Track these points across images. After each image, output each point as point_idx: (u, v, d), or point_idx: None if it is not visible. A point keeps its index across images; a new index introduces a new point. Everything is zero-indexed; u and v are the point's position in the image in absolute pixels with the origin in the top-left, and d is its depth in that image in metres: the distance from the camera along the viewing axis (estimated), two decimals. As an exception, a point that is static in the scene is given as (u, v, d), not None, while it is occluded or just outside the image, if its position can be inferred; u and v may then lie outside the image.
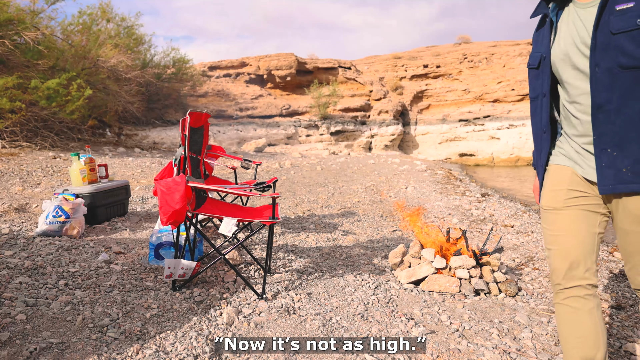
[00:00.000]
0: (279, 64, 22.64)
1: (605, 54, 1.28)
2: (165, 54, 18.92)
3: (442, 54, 24.79)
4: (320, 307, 2.29)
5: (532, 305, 2.51)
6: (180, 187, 2.15)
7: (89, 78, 10.87)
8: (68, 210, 3.30)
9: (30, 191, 5.01)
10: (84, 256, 2.82)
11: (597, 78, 1.30)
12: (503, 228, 4.71)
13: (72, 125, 10.09)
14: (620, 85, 1.26)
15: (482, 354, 1.90)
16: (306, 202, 5.80)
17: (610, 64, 1.27)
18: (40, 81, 8.79)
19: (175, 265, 2.31)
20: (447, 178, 10.11)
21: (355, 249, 3.51)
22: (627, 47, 1.23)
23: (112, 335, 1.82)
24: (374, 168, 11.38)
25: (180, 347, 1.78)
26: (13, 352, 1.64)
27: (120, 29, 14.35)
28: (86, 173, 3.77)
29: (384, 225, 4.52)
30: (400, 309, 2.33)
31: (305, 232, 4.04)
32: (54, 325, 1.87)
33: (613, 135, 1.30)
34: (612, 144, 1.30)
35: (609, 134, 1.30)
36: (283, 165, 11.29)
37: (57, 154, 8.03)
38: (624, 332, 2.23)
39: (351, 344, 1.90)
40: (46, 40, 9.63)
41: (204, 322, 2.03)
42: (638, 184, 1.28)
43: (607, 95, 1.29)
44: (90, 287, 2.33)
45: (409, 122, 22.65)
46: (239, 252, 3.09)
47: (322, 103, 20.82)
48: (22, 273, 2.42)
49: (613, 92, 1.28)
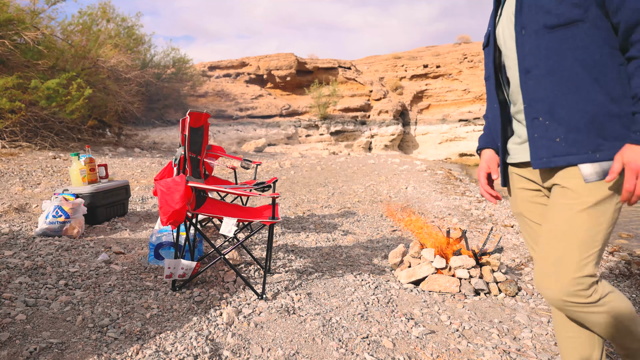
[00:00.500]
0: (279, 64, 22.64)
1: (530, 16, 1.20)
2: (165, 54, 18.94)
3: (442, 54, 24.80)
4: (320, 307, 2.29)
5: (532, 305, 2.51)
6: (180, 187, 2.15)
7: (89, 78, 10.87)
8: (68, 210, 3.30)
9: (30, 191, 5.01)
10: (84, 256, 2.82)
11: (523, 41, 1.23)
12: (503, 228, 4.70)
13: (72, 125, 10.09)
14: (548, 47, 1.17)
15: (482, 354, 1.90)
16: (306, 202, 5.80)
17: (536, 26, 1.19)
18: (40, 81, 8.79)
19: (175, 265, 2.31)
20: (447, 178, 10.11)
21: (355, 249, 3.51)
22: (549, 5, 1.16)
23: (112, 335, 1.82)
24: (374, 168, 11.38)
25: (180, 347, 1.78)
26: (13, 352, 1.64)
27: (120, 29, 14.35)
28: (86, 173, 3.77)
29: (384, 225, 4.52)
30: (400, 309, 2.33)
31: (305, 232, 4.04)
32: (54, 325, 1.87)
33: (543, 102, 1.20)
34: (543, 111, 1.20)
35: (539, 101, 1.21)
36: (283, 165, 11.29)
37: (57, 154, 8.03)
38: (624, 332, 2.24)
39: (351, 344, 1.91)
40: (46, 40, 9.63)
41: (204, 322, 2.03)
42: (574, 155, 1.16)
43: (535, 59, 1.20)
44: (90, 287, 2.33)
45: (408, 122, 22.66)
46: (239, 252, 3.09)
47: (322, 103, 20.83)
48: (22, 273, 2.42)
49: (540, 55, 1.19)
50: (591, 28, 1.13)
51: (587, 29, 1.13)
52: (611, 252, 4.09)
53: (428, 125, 22.49)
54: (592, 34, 1.13)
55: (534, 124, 1.24)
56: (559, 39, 1.16)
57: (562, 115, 1.17)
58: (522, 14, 1.23)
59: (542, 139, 1.21)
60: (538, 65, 1.20)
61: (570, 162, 1.16)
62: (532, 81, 1.22)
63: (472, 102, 22.52)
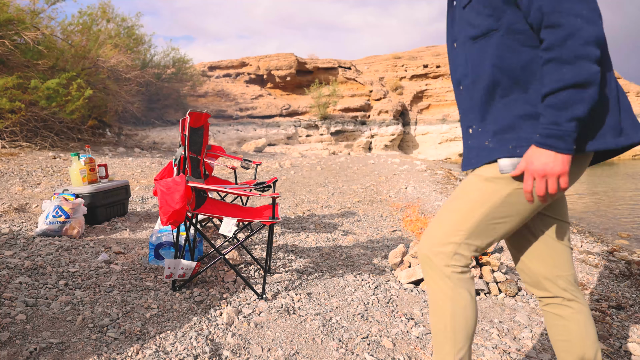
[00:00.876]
0: (279, 64, 22.64)
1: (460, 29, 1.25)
2: (165, 54, 18.95)
3: (442, 54, 24.79)
4: (320, 307, 2.29)
5: (532, 305, 2.51)
6: (180, 187, 2.15)
7: (89, 78, 10.87)
8: (68, 210, 3.30)
9: (30, 191, 5.01)
10: (84, 256, 2.82)
11: (454, 54, 1.28)
12: (503, 228, 4.71)
13: (72, 125, 10.09)
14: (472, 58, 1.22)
15: (482, 353, 1.90)
16: (306, 202, 5.80)
17: (464, 38, 1.23)
18: (40, 81, 8.79)
19: (175, 265, 2.31)
20: (447, 178, 10.11)
21: (355, 249, 3.51)
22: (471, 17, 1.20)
23: (112, 335, 1.82)
24: (374, 168, 11.38)
25: (180, 347, 1.78)
26: (13, 352, 1.64)
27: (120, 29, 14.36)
28: (86, 173, 3.77)
29: (384, 225, 4.52)
30: (400, 309, 2.33)
31: (305, 232, 4.04)
32: (54, 325, 1.87)
33: (474, 111, 1.24)
34: (475, 120, 1.24)
35: (470, 110, 1.25)
36: (283, 165, 11.29)
37: (57, 154, 8.03)
38: (624, 332, 2.23)
39: (351, 344, 1.91)
40: (46, 40, 9.63)
41: (203, 322, 2.03)
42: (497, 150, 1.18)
43: (464, 70, 1.25)
44: (90, 287, 2.33)
45: (408, 122, 22.66)
46: (239, 252, 3.09)
47: (322, 103, 20.83)
48: (22, 273, 2.42)
49: (468, 66, 1.23)
50: (507, 34, 1.15)
51: (501, 36, 1.15)
52: (611, 252, 4.09)
53: (428, 125, 22.49)
54: (508, 40, 1.15)
55: (467, 133, 1.28)
56: (479, 49, 1.20)
57: (489, 121, 1.20)
58: (454, 28, 1.28)
59: (473, 145, 1.25)
60: (467, 75, 1.24)
61: (492, 158, 1.19)
62: (464, 92, 1.26)
63: (472, 102, 22.52)
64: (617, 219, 6.50)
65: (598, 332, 2.20)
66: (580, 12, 1.02)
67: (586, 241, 4.56)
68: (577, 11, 1.02)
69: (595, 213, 7.09)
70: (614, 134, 1.12)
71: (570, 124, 1.04)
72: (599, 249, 4.19)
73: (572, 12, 1.03)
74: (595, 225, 6.04)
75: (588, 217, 6.71)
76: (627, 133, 1.13)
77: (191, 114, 2.64)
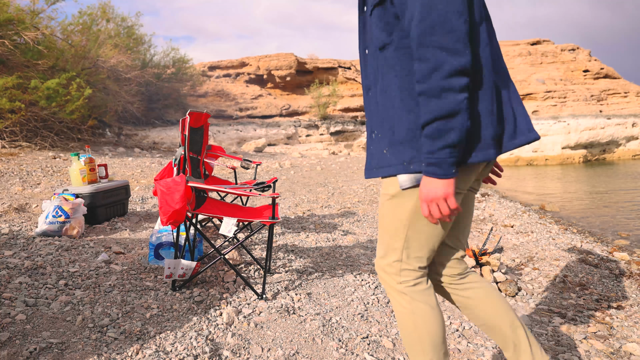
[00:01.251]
0: (279, 64, 22.65)
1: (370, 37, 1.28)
2: (165, 54, 18.95)
3: (442, 54, 24.79)
4: (320, 307, 2.29)
5: (532, 305, 2.51)
6: (180, 187, 2.15)
7: (88, 78, 10.87)
8: (68, 210, 3.30)
9: (30, 191, 5.02)
10: (83, 256, 2.82)
11: (366, 62, 1.31)
12: (503, 228, 4.71)
13: (72, 125, 10.09)
14: (378, 66, 1.26)
15: (482, 353, 1.90)
16: (306, 202, 5.80)
17: (373, 48, 1.26)
18: (40, 81, 8.79)
19: (175, 265, 2.31)
20: (447, 178, 10.10)
21: (355, 249, 3.51)
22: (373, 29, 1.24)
23: (112, 335, 1.82)
24: (373, 168, 11.37)
25: (180, 347, 1.78)
26: (13, 352, 1.64)
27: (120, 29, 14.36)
28: (86, 173, 3.77)
29: (384, 225, 4.52)
30: (400, 309, 2.33)
31: (305, 232, 4.04)
32: (54, 325, 1.87)
33: (376, 117, 1.28)
34: (377, 125, 1.28)
35: (373, 116, 1.30)
36: (283, 165, 11.29)
37: (57, 154, 8.03)
38: (624, 332, 2.23)
39: (351, 344, 1.91)
40: (46, 40, 9.63)
41: (203, 322, 2.03)
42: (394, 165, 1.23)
43: (374, 77, 1.29)
44: (90, 287, 2.33)
45: (408, 122, 22.67)
46: (239, 252, 3.09)
47: (322, 103, 20.83)
48: (22, 273, 2.42)
49: (376, 74, 1.27)
50: (398, 49, 1.19)
51: (394, 50, 1.20)
52: (611, 252, 4.09)
53: (428, 125, 22.49)
54: (400, 54, 1.20)
55: (370, 138, 1.33)
56: (383, 59, 1.24)
57: (387, 129, 1.24)
58: (365, 35, 1.31)
59: (374, 152, 1.30)
60: (375, 83, 1.28)
61: (391, 173, 1.24)
62: (371, 98, 1.31)
63: (472, 102, 22.52)
64: (617, 219, 6.50)
65: (598, 331, 2.20)
66: (446, 45, 1.08)
67: (586, 241, 4.56)
68: (443, 44, 1.08)
69: (595, 213, 7.09)
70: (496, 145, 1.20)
71: (444, 151, 1.10)
72: (599, 249, 4.19)
73: (438, 45, 1.08)
74: (595, 225, 6.04)
75: (588, 217, 6.71)
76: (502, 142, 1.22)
77: (191, 114, 2.64)
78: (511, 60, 23.83)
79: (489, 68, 1.19)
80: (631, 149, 21.74)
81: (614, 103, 22.26)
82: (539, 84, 22.16)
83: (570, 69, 23.48)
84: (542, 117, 21.38)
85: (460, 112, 1.10)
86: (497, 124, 1.20)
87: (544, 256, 3.61)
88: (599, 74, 23.45)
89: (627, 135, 21.59)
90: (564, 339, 2.09)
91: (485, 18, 1.20)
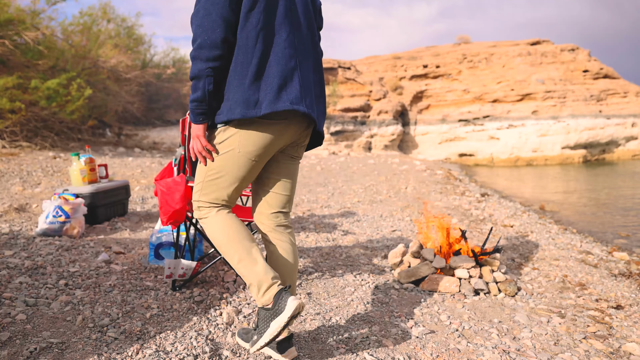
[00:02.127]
0: (279, 64, 22.58)
1: None
2: (165, 54, 18.97)
3: (442, 54, 24.79)
4: (320, 307, 2.30)
5: (531, 305, 2.51)
6: (180, 187, 2.16)
7: (89, 78, 10.88)
8: (68, 210, 3.30)
9: (30, 191, 5.02)
10: (84, 256, 2.82)
11: None
12: (503, 228, 4.71)
13: (72, 125, 10.10)
14: None
15: (481, 353, 1.90)
16: (306, 202, 5.81)
17: None
18: (40, 81, 8.79)
19: (175, 265, 2.32)
20: (447, 178, 10.11)
21: (355, 249, 3.51)
22: None
23: (112, 335, 1.82)
24: (373, 168, 11.38)
25: (180, 347, 1.79)
26: (13, 352, 1.65)
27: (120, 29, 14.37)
28: (86, 173, 3.77)
29: (384, 225, 4.52)
30: (400, 309, 2.34)
31: (305, 232, 4.05)
32: (54, 325, 1.88)
33: None
34: None
35: None
36: (283, 166, 11.25)
37: (57, 154, 8.04)
38: (624, 332, 2.24)
39: (351, 344, 1.91)
40: (46, 40, 9.63)
41: (203, 322, 2.03)
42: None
43: None
44: (90, 287, 2.33)
45: (408, 122, 22.65)
46: (239, 252, 3.09)
47: (322, 103, 20.80)
48: (22, 273, 2.42)
49: None
50: None
51: None
52: (611, 252, 4.09)
53: (428, 126, 22.48)
54: None
55: None
56: None
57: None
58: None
59: None
60: None
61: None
62: None
63: (471, 102, 22.51)
64: (617, 219, 6.51)
65: (597, 331, 2.21)
66: (203, 23, 1.46)
67: (585, 241, 4.57)
68: (200, 23, 1.46)
69: (595, 213, 7.09)
70: (245, 107, 1.50)
71: (193, 103, 1.51)
72: (598, 249, 4.19)
73: (197, 23, 1.47)
74: (594, 225, 6.04)
75: (587, 217, 6.71)
76: (262, 106, 1.50)
77: (191, 114, 2.63)
78: (511, 60, 23.82)
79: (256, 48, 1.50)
80: (631, 149, 21.74)
81: (614, 103, 22.25)
82: (539, 84, 22.15)
83: (570, 69, 23.47)
84: (541, 117, 21.37)
85: (203, 77, 1.48)
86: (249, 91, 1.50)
87: (544, 256, 3.62)
88: (599, 74, 23.44)
89: (626, 135, 21.59)
90: (564, 339, 2.10)
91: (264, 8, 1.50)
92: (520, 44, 24.70)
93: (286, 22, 1.56)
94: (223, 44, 1.47)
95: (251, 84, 1.50)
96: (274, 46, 1.53)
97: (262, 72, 1.51)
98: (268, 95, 1.50)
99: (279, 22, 1.55)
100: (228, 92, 1.52)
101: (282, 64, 1.53)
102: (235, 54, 1.51)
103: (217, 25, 1.45)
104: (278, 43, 1.54)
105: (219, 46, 1.46)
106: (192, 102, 1.51)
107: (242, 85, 1.50)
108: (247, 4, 1.49)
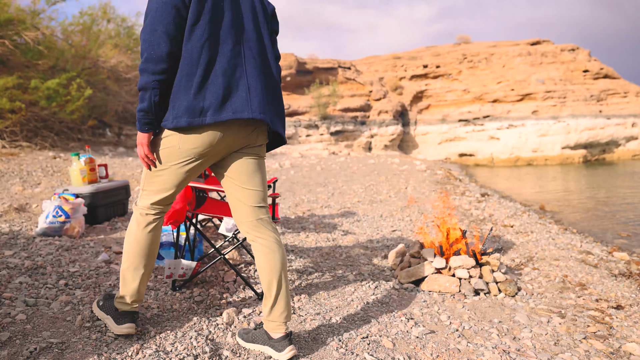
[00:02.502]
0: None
1: None
2: (165, 54, 18.88)
3: (442, 54, 24.79)
4: (320, 307, 2.29)
5: (531, 305, 2.51)
6: (180, 187, 2.15)
7: (89, 78, 10.87)
8: (68, 210, 3.30)
9: (30, 191, 5.02)
10: (84, 256, 2.82)
11: None
12: (503, 228, 4.71)
13: (72, 125, 10.09)
14: None
15: (481, 353, 1.90)
16: (306, 202, 5.81)
17: None
18: (40, 81, 8.79)
19: (175, 265, 2.32)
20: (447, 178, 10.11)
21: (355, 249, 3.51)
22: None
23: (112, 335, 1.82)
24: (373, 168, 11.39)
25: (180, 347, 1.78)
26: (13, 352, 1.65)
27: (120, 29, 14.37)
28: (86, 173, 3.77)
29: (384, 225, 4.52)
30: (400, 309, 2.34)
31: (305, 232, 4.05)
32: (54, 325, 1.88)
33: None
34: None
35: None
36: (283, 165, 11.30)
37: (57, 154, 8.03)
38: (624, 332, 2.24)
39: (351, 344, 1.91)
40: (46, 40, 9.63)
41: (203, 322, 2.03)
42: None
43: None
44: (90, 287, 2.33)
45: (408, 122, 22.64)
46: (239, 252, 3.10)
47: (322, 103, 20.80)
48: (22, 273, 2.42)
49: None
50: None
51: None
52: (611, 252, 4.09)
53: (428, 125, 22.47)
54: None
55: None
56: None
57: None
58: None
59: None
60: None
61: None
62: None
63: (471, 102, 22.51)
64: (617, 219, 6.51)
65: (597, 331, 2.21)
66: (149, 39, 1.54)
67: (585, 241, 4.57)
68: (146, 38, 1.54)
69: (595, 213, 7.09)
70: (191, 115, 1.57)
71: (140, 113, 1.59)
72: (598, 249, 4.19)
73: (144, 38, 1.55)
74: (594, 225, 6.04)
75: (588, 217, 6.71)
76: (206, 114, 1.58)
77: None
78: (511, 60, 23.81)
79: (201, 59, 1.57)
80: (631, 149, 21.73)
81: (614, 103, 22.24)
82: (539, 84, 22.15)
83: (570, 69, 23.46)
84: (541, 117, 21.37)
85: (149, 89, 1.56)
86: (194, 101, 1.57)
87: (544, 256, 3.62)
88: (599, 74, 23.43)
89: (626, 135, 21.59)
90: (564, 339, 2.10)
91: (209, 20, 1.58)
92: (520, 44, 24.69)
93: (232, 32, 1.63)
94: (168, 58, 1.55)
95: (196, 94, 1.58)
96: (219, 56, 1.61)
97: (207, 82, 1.59)
98: (213, 105, 1.58)
99: (225, 33, 1.62)
100: (174, 101, 1.59)
101: (228, 74, 1.61)
102: (181, 66, 1.58)
103: (162, 40, 1.53)
104: (224, 53, 1.61)
105: (165, 60, 1.54)
106: (139, 112, 1.59)
107: (187, 95, 1.57)
108: (192, 18, 1.56)
